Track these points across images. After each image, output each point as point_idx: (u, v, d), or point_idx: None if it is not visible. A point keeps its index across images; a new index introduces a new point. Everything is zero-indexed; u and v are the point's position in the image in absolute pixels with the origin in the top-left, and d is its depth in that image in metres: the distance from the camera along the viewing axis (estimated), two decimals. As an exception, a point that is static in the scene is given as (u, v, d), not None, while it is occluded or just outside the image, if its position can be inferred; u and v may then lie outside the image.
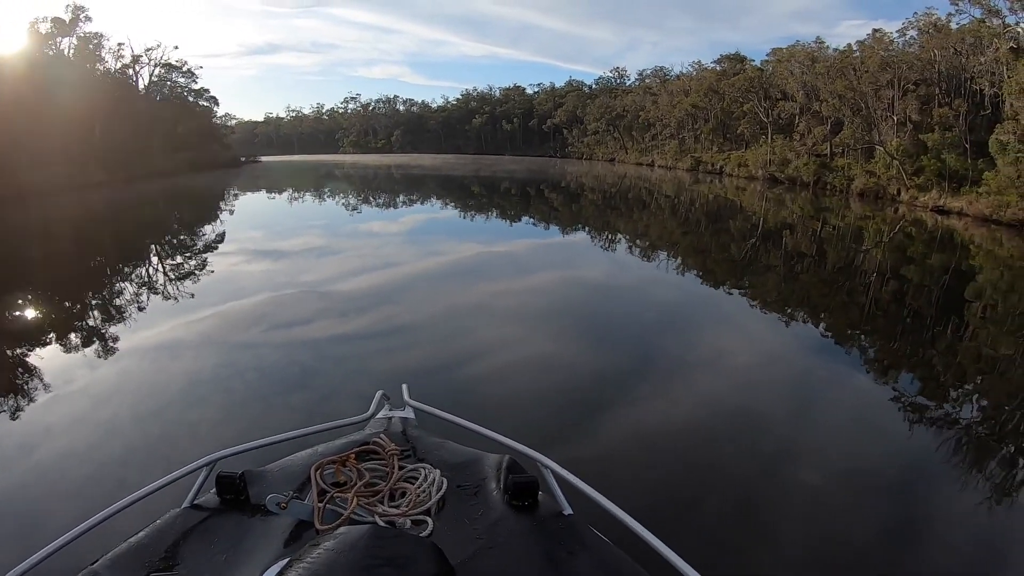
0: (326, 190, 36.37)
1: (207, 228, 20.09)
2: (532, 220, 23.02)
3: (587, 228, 21.01)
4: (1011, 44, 25.19)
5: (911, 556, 3.65)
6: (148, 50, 52.08)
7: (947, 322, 9.61)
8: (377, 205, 27.88)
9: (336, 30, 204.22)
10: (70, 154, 32.98)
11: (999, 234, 19.13)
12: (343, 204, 28.50)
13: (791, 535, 3.86)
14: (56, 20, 39.54)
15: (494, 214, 24.77)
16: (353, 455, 1.78)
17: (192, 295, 10.07)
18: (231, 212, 26.01)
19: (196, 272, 12.30)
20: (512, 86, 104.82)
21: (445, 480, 1.78)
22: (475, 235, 18.20)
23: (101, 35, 43.93)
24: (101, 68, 44.31)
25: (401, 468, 1.79)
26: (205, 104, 61.81)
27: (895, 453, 5.08)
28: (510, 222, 22.30)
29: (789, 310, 10.05)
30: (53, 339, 7.90)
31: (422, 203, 29.27)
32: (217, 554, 1.52)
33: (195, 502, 1.73)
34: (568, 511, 1.71)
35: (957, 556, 3.78)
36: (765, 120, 42.36)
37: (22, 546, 2.42)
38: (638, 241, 17.92)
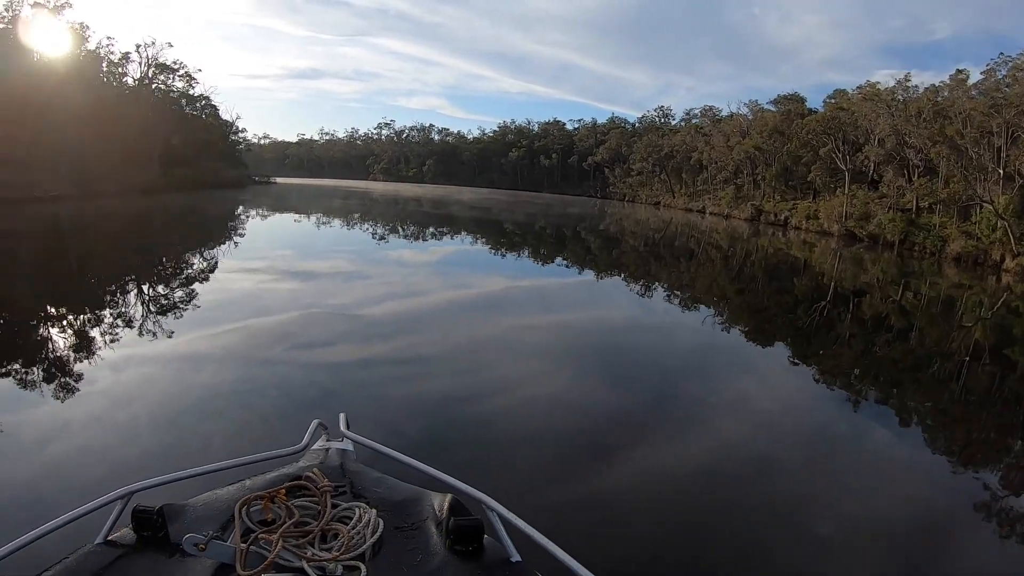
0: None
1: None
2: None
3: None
4: None
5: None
6: (139, 47, 47.60)
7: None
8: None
9: (379, 59, 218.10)
10: (30, 160, 30.41)
11: None
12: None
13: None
14: (37, 5, 35.58)
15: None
16: (283, 491, 1.77)
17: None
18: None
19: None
20: (551, 120, 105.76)
21: (382, 521, 1.77)
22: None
23: (87, 26, 39.66)
24: (83, 64, 39.68)
25: (335, 506, 1.79)
26: (208, 114, 59.31)
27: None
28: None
29: (858, 386, 9.16)
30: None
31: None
32: None
33: (109, 538, 1.71)
34: (516, 558, 1.71)
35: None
36: (843, 167, 39.93)
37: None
38: (680, 294, 16.73)
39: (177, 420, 5.75)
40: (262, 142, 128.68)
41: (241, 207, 38.78)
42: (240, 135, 73.56)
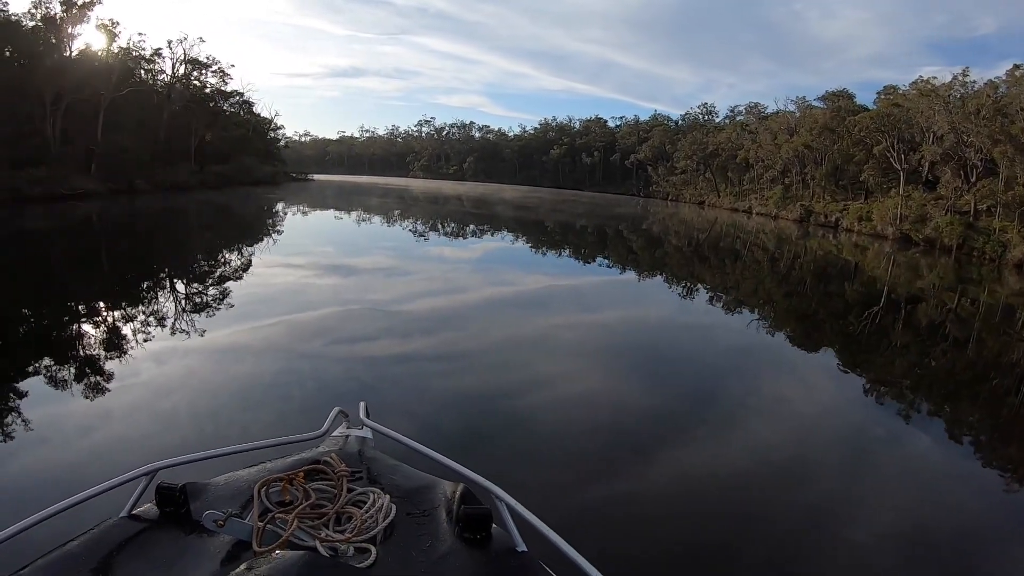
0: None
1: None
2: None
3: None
4: None
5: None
6: (171, 43, 47.73)
7: None
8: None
9: (419, 57, 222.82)
10: (61, 158, 30.90)
11: None
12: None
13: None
14: (67, 2, 35.06)
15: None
16: (302, 473, 1.83)
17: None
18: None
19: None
20: (593, 118, 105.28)
21: (394, 506, 1.84)
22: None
23: (117, 23, 39.19)
24: (114, 60, 39.23)
25: (350, 490, 1.86)
26: (244, 111, 59.64)
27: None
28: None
29: (908, 397, 8.86)
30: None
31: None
32: (151, 569, 1.56)
33: (133, 512, 1.78)
34: (522, 548, 1.76)
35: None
36: (898, 166, 38.79)
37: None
38: (724, 296, 16.51)
39: (215, 407, 6.16)
40: (303, 139, 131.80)
41: (280, 204, 39.46)
42: (279, 132, 74.24)
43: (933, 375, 10.33)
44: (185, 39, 50.28)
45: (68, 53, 35.94)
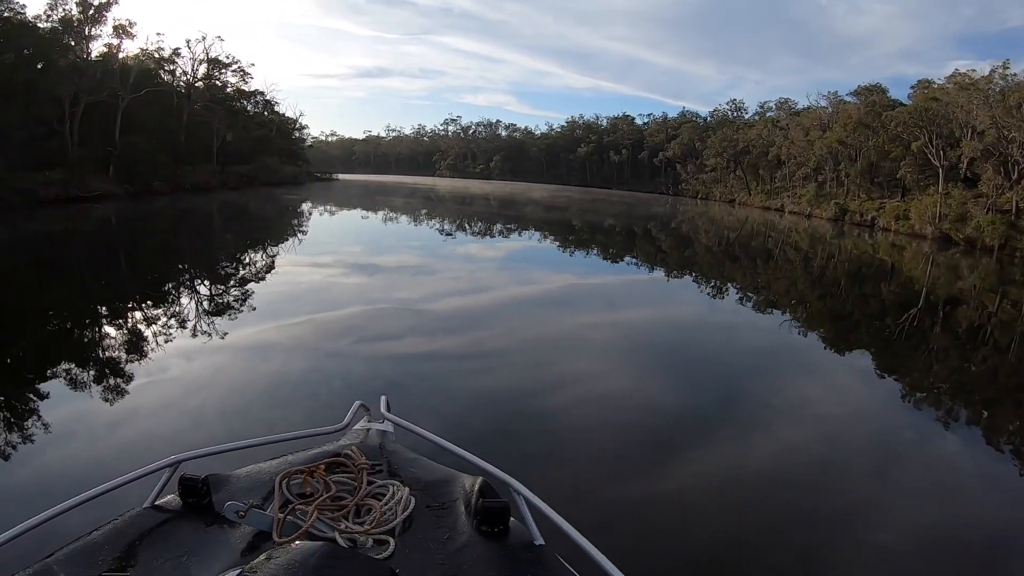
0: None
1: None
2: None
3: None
4: None
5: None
6: (189, 42, 47.78)
7: None
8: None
9: (444, 57, 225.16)
10: (80, 160, 31.07)
11: None
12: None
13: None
14: (83, 3, 35.24)
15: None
16: (322, 466, 1.88)
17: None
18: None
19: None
20: (621, 115, 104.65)
21: (413, 499, 1.86)
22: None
23: (134, 23, 39.08)
24: (132, 60, 39.67)
25: (370, 483, 1.89)
26: (268, 110, 59.95)
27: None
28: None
29: (944, 402, 8.52)
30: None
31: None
32: (172, 559, 1.59)
33: (156, 503, 1.82)
34: (539, 541, 1.77)
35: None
36: (937, 163, 37.75)
37: None
38: (754, 297, 16.23)
39: (242, 404, 6.37)
40: (329, 139, 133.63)
41: (306, 204, 39.76)
42: (303, 132, 74.53)
43: (971, 381, 10.07)
44: (204, 38, 51.01)
45: (85, 55, 36.37)
